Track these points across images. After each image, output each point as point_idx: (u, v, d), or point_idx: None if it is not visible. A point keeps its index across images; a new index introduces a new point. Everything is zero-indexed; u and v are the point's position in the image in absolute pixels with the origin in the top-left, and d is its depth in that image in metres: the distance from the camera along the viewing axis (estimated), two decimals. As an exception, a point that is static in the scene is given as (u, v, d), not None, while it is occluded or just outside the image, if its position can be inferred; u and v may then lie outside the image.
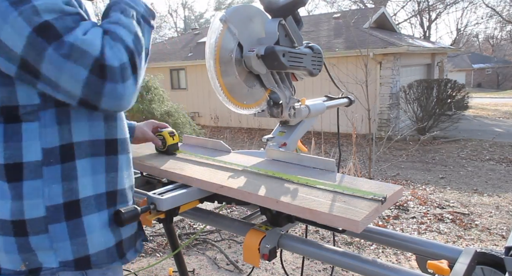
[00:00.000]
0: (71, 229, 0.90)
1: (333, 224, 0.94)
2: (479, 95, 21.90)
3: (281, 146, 1.53)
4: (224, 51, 1.26)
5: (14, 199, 0.86)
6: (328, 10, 28.70)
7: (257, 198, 1.05)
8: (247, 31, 1.31)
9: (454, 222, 4.43)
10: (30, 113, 0.85)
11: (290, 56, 1.32)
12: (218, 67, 1.25)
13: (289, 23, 1.33)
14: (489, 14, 30.09)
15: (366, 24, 11.05)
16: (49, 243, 0.88)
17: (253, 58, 1.27)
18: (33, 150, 0.86)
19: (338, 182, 1.14)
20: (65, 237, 0.89)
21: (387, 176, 6.58)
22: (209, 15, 36.04)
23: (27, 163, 0.86)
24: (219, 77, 1.26)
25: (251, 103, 1.42)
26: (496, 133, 10.54)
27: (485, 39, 40.59)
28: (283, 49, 1.29)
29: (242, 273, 3.29)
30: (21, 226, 0.87)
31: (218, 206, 1.37)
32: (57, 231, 0.89)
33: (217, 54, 1.24)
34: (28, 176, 0.86)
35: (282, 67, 1.31)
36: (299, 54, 1.36)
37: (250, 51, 1.29)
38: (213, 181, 1.16)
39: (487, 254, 1.15)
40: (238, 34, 1.27)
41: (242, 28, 1.29)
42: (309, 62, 1.42)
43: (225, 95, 1.29)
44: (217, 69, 1.25)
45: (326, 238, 3.95)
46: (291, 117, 1.46)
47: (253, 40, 1.33)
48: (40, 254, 0.89)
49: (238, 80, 1.33)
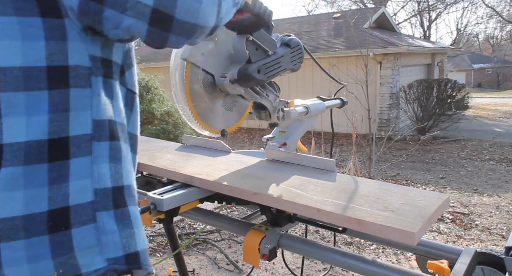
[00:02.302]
0: (119, 218, 0.77)
1: (384, 236, 0.87)
2: (479, 95, 21.89)
3: (281, 146, 1.53)
4: (194, 84, 1.19)
5: (56, 183, 0.71)
6: (328, 10, 28.71)
7: (297, 207, 1.01)
8: (214, 57, 1.20)
9: (454, 222, 4.43)
10: (82, 77, 0.74)
11: (266, 67, 1.25)
12: (192, 104, 1.18)
13: (258, 36, 1.21)
14: (489, 14, 30.14)
15: (366, 24, 11.05)
16: (95, 236, 0.74)
17: (227, 84, 1.20)
18: (82, 121, 0.74)
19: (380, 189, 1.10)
20: (114, 228, 0.76)
21: (387, 176, 6.58)
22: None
23: (74, 137, 0.73)
24: (193, 112, 1.19)
25: (237, 120, 1.36)
26: (496, 133, 10.54)
27: (485, 39, 40.61)
28: (257, 66, 1.20)
29: (242, 273, 3.29)
30: (62, 216, 0.71)
31: (218, 206, 1.37)
32: (106, 221, 0.75)
33: (187, 92, 1.17)
34: (75, 153, 0.73)
35: (260, 83, 1.25)
36: (276, 60, 1.28)
37: (222, 77, 1.20)
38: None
39: (487, 254, 1.15)
40: (204, 63, 1.18)
41: (207, 56, 1.18)
42: (288, 61, 1.35)
43: (202, 126, 1.23)
44: (190, 106, 1.18)
45: (326, 238, 3.95)
46: (279, 120, 1.41)
47: (222, 61, 1.22)
48: (81, 255, 0.73)
49: (217, 108, 1.27)
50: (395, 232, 0.84)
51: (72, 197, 0.72)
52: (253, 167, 1.33)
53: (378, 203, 0.98)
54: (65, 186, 0.72)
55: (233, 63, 1.22)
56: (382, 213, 0.92)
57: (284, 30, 13.42)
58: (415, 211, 0.93)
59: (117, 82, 0.83)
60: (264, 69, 1.23)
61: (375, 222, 0.87)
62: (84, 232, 0.73)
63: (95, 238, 0.74)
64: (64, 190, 0.71)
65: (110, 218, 0.76)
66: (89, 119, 0.74)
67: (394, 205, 0.96)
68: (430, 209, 0.94)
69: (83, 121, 0.74)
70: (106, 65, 0.79)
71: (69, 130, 0.72)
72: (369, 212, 0.93)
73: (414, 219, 0.88)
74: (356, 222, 0.90)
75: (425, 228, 0.88)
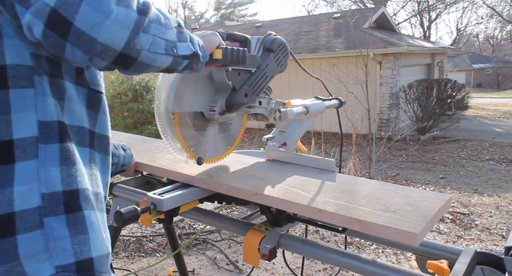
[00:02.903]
0: (72, 224, 0.74)
1: (386, 236, 0.87)
2: (479, 95, 21.89)
3: (281, 146, 1.53)
4: (186, 129, 1.19)
5: (1, 188, 0.69)
6: (328, 10, 28.70)
7: (299, 208, 1.00)
8: (198, 95, 1.19)
9: (454, 222, 4.43)
10: (23, 76, 0.72)
11: (253, 86, 1.22)
12: (186, 145, 1.19)
13: None
14: (489, 14, 30.12)
15: (366, 24, 11.05)
16: (43, 243, 0.71)
17: (217, 117, 1.20)
18: (26, 123, 0.71)
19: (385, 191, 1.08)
20: (65, 233, 0.73)
21: (387, 176, 6.58)
22: (209, 15, 36.08)
23: (19, 140, 0.70)
24: (190, 153, 1.20)
25: (234, 140, 1.37)
26: (496, 133, 10.54)
27: (485, 39, 40.60)
28: (243, 91, 1.19)
29: (242, 273, 3.29)
30: (7, 223, 0.69)
31: (218, 206, 1.37)
32: (55, 226, 0.72)
33: (181, 139, 1.17)
34: (20, 156, 0.71)
35: (250, 103, 1.24)
36: (261, 75, 1.24)
37: (211, 111, 1.20)
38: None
39: (487, 254, 1.15)
40: (191, 106, 1.17)
41: (192, 98, 1.17)
42: (274, 67, 1.29)
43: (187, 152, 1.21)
44: (186, 148, 1.18)
45: (326, 238, 3.95)
46: (276, 120, 1.40)
47: (207, 95, 1.21)
48: (28, 262, 0.70)
49: (213, 137, 1.28)
50: (397, 233, 0.84)
51: (17, 202, 0.70)
52: (253, 167, 1.33)
53: (379, 203, 0.98)
54: (9, 191, 0.69)
55: (218, 92, 1.21)
56: (383, 213, 0.91)
57: (284, 30, 13.41)
58: (417, 211, 0.93)
59: (70, 81, 0.79)
60: (251, 90, 1.21)
61: (377, 222, 0.87)
62: (30, 238, 0.70)
63: (42, 245, 0.71)
64: (8, 195, 0.69)
65: (60, 223, 0.72)
66: (34, 121, 0.72)
67: (396, 206, 0.96)
68: (432, 210, 0.94)
69: (27, 123, 0.71)
70: (52, 64, 0.76)
71: (12, 132, 0.70)
72: (370, 212, 0.92)
73: (416, 220, 0.88)
74: (358, 222, 0.89)
75: (427, 229, 0.88)
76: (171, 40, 0.79)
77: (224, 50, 1.03)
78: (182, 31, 0.83)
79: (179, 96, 1.12)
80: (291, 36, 12.59)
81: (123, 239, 3.94)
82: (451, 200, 1.05)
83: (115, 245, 1.78)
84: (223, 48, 1.03)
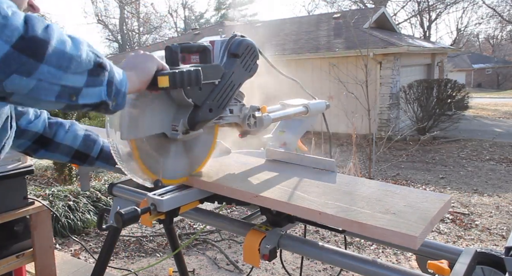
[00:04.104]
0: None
1: (386, 239, 0.86)
2: (479, 95, 21.88)
3: (281, 146, 1.53)
4: (144, 154, 1.09)
5: None
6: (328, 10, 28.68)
7: (299, 210, 1.00)
8: (157, 116, 1.06)
9: (454, 222, 4.43)
10: None
11: (218, 99, 1.10)
12: (146, 169, 1.10)
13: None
14: (490, 14, 30.11)
15: (366, 24, 11.04)
16: None
17: (181, 137, 1.09)
18: None
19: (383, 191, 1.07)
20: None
21: (387, 176, 6.58)
22: (209, 15, 36.00)
23: None
24: (148, 174, 1.11)
25: (203, 157, 1.27)
26: (496, 133, 10.54)
27: (485, 39, 40.60)
28: (207, 107, 1.07)
29: (242, 273, 3.29)
30: None
31: (218, 206, 1.37)
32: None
33: (139, 162, 1.08)
34: None
35: (217, 116, 1.12)
36: (226, 85, 1.12)
37: (173, 130, 1.08)
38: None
39: (487, 254, 1.15)
40: (148, 130, 1.05)
41: (149, 120, 1.04)
42: (242, 73, 1.16)
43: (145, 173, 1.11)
44: (145, 171, 1.10)
45: (326, 238, 3.95)
46: (251, 127, 1.26)
47: (167, 114, 1.08)
48: None
49: (178, 156, 1.17)
50: (397, 236, 0.84)
51: None
52: (253, 167, 1.33)
53: (379, 205, 0.98)
54: None
55: (179, 109, 1.08)
56: (383, 216, 0.91)
57: (284, 29, 13.41)
58: (416, 213, 0.93)
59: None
60: (216, 103, 1.10)
61: (377, 225, 0.87)
62: None
63: None
64: None
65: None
66: None
67: (396, 207, 0.96)
68: (432, 211, 0.94)
69: None
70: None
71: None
72: (370, 214, 0.92)
73: (416, 222, 0.88)
74: (358, 225, 0.89)
75: (427, 231, 0.87)
76: (72, 86, 0.68)
77: (171, 76, 0.90)
78: (98, 74, 0.72)
79: (134, 120, 0.99)
80: (291, 36, 12.58)
81: (123, 239, 3.95)
82: (451, 200, 1.05)
83: (115, 245, 1.78)
84: (170, 74, 0.90)
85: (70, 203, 4.13)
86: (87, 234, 4.10)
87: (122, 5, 28.48)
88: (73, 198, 4.23)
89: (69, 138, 1.28)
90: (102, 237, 3.97)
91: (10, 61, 0.58)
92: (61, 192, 4.28)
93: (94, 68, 0.71)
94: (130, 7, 29.69)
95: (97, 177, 5.80)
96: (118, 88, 0.77)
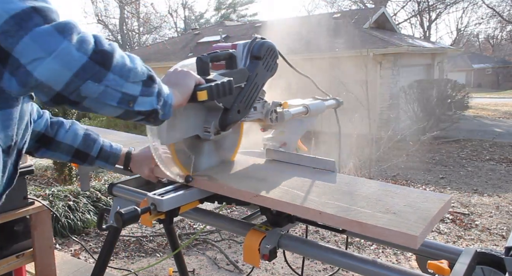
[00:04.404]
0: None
1: (386, 239, 0.86)
2: (479, 95, 21.89)
3: (281, 146, 1.53)
4: (181, 154, 1.18)
5: None
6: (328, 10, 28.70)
7: (299, 210, 1.00)
8: (189, 120, 1.15)
9: (454, 222, 4.43)
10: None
11: (245, 101, 1.19)
12: (181, 166, 1.18)
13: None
14: (490, 14, 30.12)
15: (366, 24, 11.05)
16: None
17: (213, 137, 1.18)
18: None
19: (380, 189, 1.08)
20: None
21: (387, 176, 6.58)
22: (209, 15, 36.01)
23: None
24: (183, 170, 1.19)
25: (231, 152, 1.36)
26: (496, 133, 10.54)
27: (485, 39, 40.59)
28: (235, 109, 1.16)
29: (242, 273, 3.29)
30: None
31: (218, 206, 1.37)
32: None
33: (177, 162, 1.17)
34: None
35: (245, 115, 1.21)
36: (251, 87, 1.20)
37: (206, 132, 1.17)
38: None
39: (487, 254, 1.15)
40: (185, 133, 1.14)
41: (184, 124, 1.13)
42: (264, 74, 1.24)
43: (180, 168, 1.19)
44: (180, 168, 1.18)
45: (326, 238, 3.95)
46: (273, 121, 1.36)
47: (199, 118, 1.17)
48: None
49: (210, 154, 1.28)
50: (397, 235, 0.84)
51: None
52: (253, 167, 1.32)
53: (379, 205, 0.98)
54: None
55: (210, 112, 1.17)
56: (384, 215, 0.91)
57: (284, 29, 13.40)
58: (417, 213, 0.92)
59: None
60: (243, 105, 1.19)
61: (377, 225, 0.87)
62: None
63: None
64: None
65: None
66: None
67: (396, 207, 0.96)
68: (432, 211, 0.94)
69: None
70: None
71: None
72: (371, 214, 0.92)
73: (416, 222, 0.88)
74: (358, 225, 0.89)
75: (428, 231, 0.87)
76: (131, 94, 0.79)
77: (208, 90, 0.99)
78: (150, 85, 0.83)
79: (171, 126, 1.08)
80: (291, 36, 12.58)
81: (123, 239, 3.95)
82: (451, 200, 1.04)
83: (115, 245, 1.78)
84: (208, 88, 0.99)
85: (70, 203, 4.13)
86: (87, 234, 4.10)
87: (122, 5, 28.46)
88: (73, 198, 4.23)
89: (69, 137, 1.29)
90: (102, 237, 3.97)
91: (87, 70, 0.71)
92: (61, 192, 4.29)
93: (147, 79, 0.82)
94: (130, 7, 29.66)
95: (97, 177, 5.81)
96: (165, 100, 0.88)
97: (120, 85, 0.76)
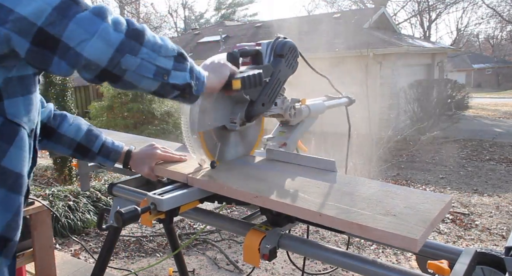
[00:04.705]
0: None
1: (386, 241, 0.85)
2: (479, 95, 21.89)
3: (281, 146, 1.53)
4: (209, 142, 1.26)
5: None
6: (328, 10, 28.69)
7: (299, 211, 1.00)
8: (219, 111, 1.24)
9: (454, 222, 4.43)
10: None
11: (269, 95, 1.28)
12: (210, 154, 1.26)
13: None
14: (490, 14, 30.12)
15: (366, 24, 11.05)
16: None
17: (239, 128, 1.26)
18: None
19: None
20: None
21: (387, 176, 6.58)
22: (209, 15, 36.00)
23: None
24: (209, 156, 1.26)
25: (254, 143, 1.44)
26: (496, 133, 10.54)
27: (485, 39, 40.59)
28: (260, 102, 1.24)
29: (242, 273, 3.29)
30: None
31: (218, 206, 1.37)
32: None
33: (206, 151, 1.25)
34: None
35: (268, 109, 1.31)
36: (275, 82, 1.29)
37: (232, 123, 1.26)
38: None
39: (487, 254, 1.15)
40: (214, 122, 1.23)
41: (213, 115, 1.22)
42: (286, 71, 1.33)
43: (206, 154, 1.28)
44: (207, 153, 1.25)
45: (326, 238, 3.95)
46: (291, 117, 1.46)
47: (227, 109, 1.26)
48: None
49: (235, 144, 1.37)
50: (397, 239, 0.83)
51: None
52: (254, 168, 1.32)
53: (380, 206, 0.97)
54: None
55: (236, 104, 1.26)
56: (384, 217, 0.91)
57: (284, 29, 13.41)
58: (417, 215, 0.92)
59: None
60: (267, 98, 1.27)
61: (377, 227, 0.86)
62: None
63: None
64: None
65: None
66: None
67: (396, 209, 0.95)
68: (433, 213, 0.93)
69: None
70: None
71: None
72: (371, 216, 0.91)
73: (417, 224, 0.87)
74: (358, 227, 0.89)
75: (428, 233, 0.87)
76: (164, 67, 0.88)
77: (242, 80, 1.10)
78: (182, 61, 0.92)
79: (202, 116, 1.19)
80: (291, 36, 12.55)
81: (123, 239, 3.95)
82: (451, 201, 1.04)
83: (115, 245, 1.79)
84: (241, 78, 1.09)
85: (70, 203, 4.13)
86: (87, 234, 4.10)
87: (122, 5, 28.47)
88: (73, 198, 4.23)
89: (72, 131, 1.30)
90: (102, 237, 3.97)
91: (125, 45, 0.81)
92: (61, 192, 4.29)
93: (177, 55, 0.91)
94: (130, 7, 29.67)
95: (97, 177, 5.81)
96: (197, 76, 0.97)
97: (153, 58, 0.85)
